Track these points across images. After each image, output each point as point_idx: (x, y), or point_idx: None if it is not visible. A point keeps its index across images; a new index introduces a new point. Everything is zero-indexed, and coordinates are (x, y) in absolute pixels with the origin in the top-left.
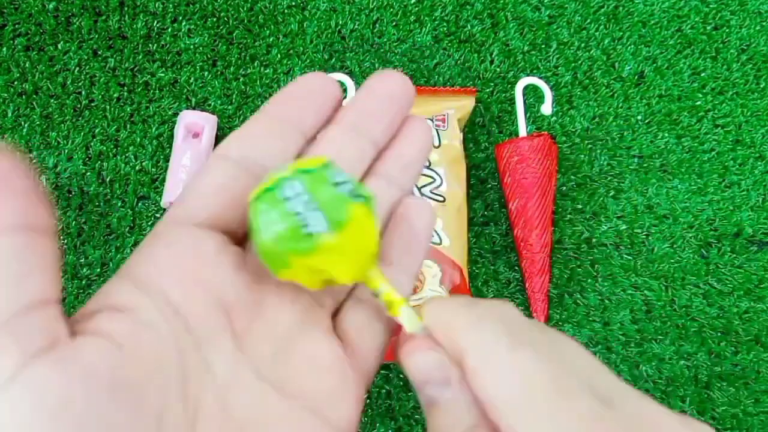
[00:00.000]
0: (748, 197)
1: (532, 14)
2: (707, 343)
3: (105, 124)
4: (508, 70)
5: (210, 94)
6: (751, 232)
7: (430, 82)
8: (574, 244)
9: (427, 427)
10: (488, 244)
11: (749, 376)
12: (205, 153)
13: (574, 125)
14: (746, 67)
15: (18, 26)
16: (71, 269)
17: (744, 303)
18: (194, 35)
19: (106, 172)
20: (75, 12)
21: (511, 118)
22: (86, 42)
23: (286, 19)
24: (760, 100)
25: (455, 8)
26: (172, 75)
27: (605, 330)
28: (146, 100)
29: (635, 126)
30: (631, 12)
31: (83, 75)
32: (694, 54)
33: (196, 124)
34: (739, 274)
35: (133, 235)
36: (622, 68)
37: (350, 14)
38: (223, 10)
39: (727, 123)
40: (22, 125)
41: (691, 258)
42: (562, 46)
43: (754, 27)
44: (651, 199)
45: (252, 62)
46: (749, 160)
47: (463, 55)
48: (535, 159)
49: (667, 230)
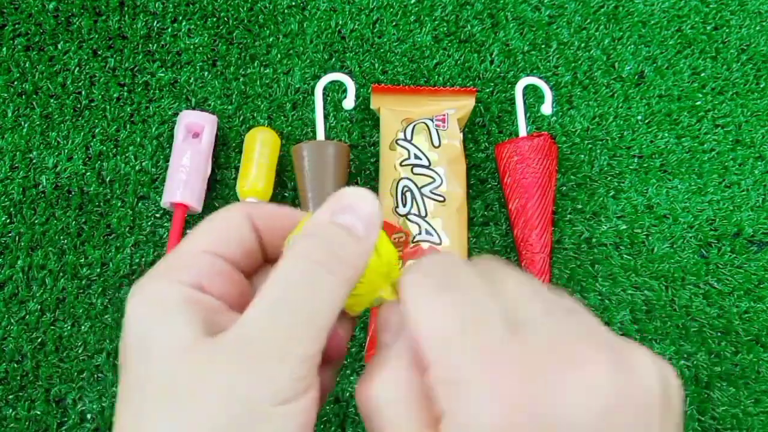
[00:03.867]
0: (748, 197)
1: (532, 14)
2: (707, 343)
3: (105, 124)
4: (508, 70)
5: (210, 94)
6: (751, 232)
7: (430, 82)
8: (574, 244)
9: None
10: (488, 244)
11: (749, 376)
12: (205, 153)
13: (574, 125)
14: (746, 67)
15: (18, 26)
16: (71, 269)
17: (744, 303)
18: (194, 35)
19: (106, 172)
20: (75, 12)
21: (511, 118)
22: (86, 42)
23: (286, 19)
24: (760, 100)
25: (455, 8)
26: (172, 75)
27: None
28: (146, 100)
29: (635, 126)
30: (631, 12)
31: (83, 75)
32: (694, 54)
33: (196, 124)
34: (739, 274)
35: (133, 235)
36: (622, 68)
37: (350, 14)
38: (223, 10)
39: (727, 123)
40: (22, 125)
41: (691, 258)
42: (562, 46)
43: (754, 27)
44: (651, 199)
45: (252, 62)
46: (749, 160)
47: (463, 55)
48: (535, 159)
49: (667, 230)
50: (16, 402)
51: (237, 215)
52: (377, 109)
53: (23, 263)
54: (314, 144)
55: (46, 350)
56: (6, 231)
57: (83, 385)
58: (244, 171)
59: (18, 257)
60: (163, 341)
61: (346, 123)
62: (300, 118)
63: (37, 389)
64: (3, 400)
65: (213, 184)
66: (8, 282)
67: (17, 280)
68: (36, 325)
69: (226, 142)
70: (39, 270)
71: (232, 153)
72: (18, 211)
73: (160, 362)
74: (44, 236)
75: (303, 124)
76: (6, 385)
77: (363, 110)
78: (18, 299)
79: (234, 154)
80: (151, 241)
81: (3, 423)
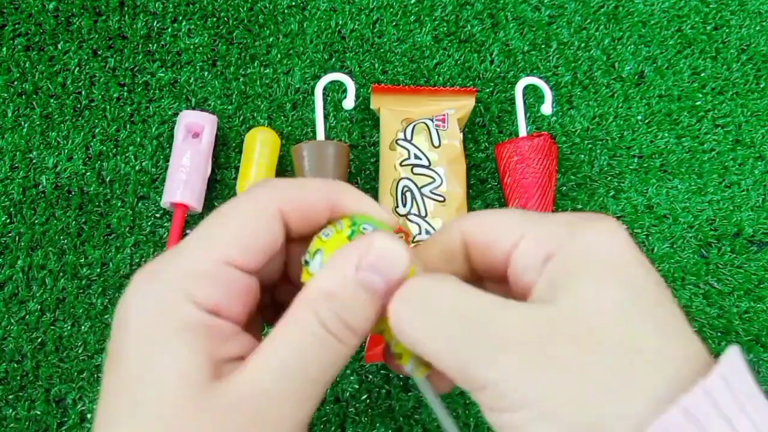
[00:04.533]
0: (748, 197)
1: (532, 14)
2: (707, 343)
3: (105, 124)
4: (508, 70)
5: (210, 94)
6: (751, 232)
7: (430, 82)
8: None
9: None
10: None
11: None
12: (205, 153)
13: (574, 125)
14: (746, 67)
15: (18, 26)
16: (71, 269)
17: (744, 303)
18: (194, 35)
19: (106, 172)
20: (75, 12)
21: (511, 118)
22: (86, 42)
23: (286, 19)
24: (760, 100)
25: (455, 8)
26: (172, 75)
27: None
28: (146, 100)
29: (635, 126)
30: (631, 12)
31: (83, 75)
32: (694, 54)
33: (196, 124)
34: (739, 274)
35: (133, 235)
36: (622, 68)
37: (350, 14)
38: (223, 10)
39: (727, 123)
40: (22, 125)
41: (691, 258)
42: (562, 46)
43: (754, 27)
44: (651, 199)
45: (252, 62)
46: (749, 160)
47: (463, 55)
48: (535, 159)
49: (667, 230)
50: (16, 402)
51: (268, 213)
52: (377, 109)
53: (23, 263)
54: (314, 144)
55: (46, 350)
56: (6, 231)
57: (83, 385)
58: (244, 171)
59: (18, 257)
60: (162, 373)
61: (346, 123)
62: (300, 118)
63: (37, 389)
64: (3, 400)
65: (213, 184)
66: (8, 282)
67: (17, 280)
68: (36, 325)
69: (226, 142)
70: (39, 270)
71: (232, 153)
72: (18, 211)
73: (154, 397)
74: (44, 236)
75: (303, 124)
76: (6, 385)
77: (363, 110)
78: (18, 299)
79: (234, 154)
80: (151, 241)
81: (3, 423)
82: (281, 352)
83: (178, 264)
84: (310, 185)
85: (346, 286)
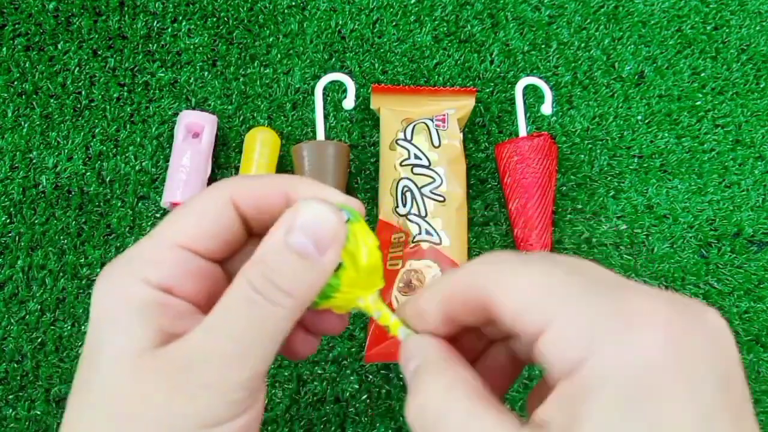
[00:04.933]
0: (748, 197)
1: (532, 14)
2: None
3: (105, 124)
4: (508, 70)
5: (210, 94)
6: (751, 232)
7: (430, 82)
8: (574, 244)
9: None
10: (488, 244)
11: (749, 376)
12: (205, 153)
13: (574, 125)
14: (746, 67)
15: (18, 26)
16: (71, 269)
17: (744, 303)
18: (194, 35)
19: (106, 172)
20: (75, 12)
21: (511, 118)
22: (86, 42)
23: (286, 19)
24: (760, 100)
25: (455, 8)
26: (172, 75)
27: None
28: (146, 100)
29: (635, 126)
30: (631, 12)
31: (83, 75)
32: (694, 54)
33: (196, 124)
34: (739, 274)
35: (133, 235)
36: (622, 68)
37: (350, 14)
38: (223, 10)
39: (727, 123)
40: (22, 125)
41: (691, 258)
42: (562, 46)
43: (754, 27)
44: (651, 199)
45: (252, 62)
46: (749, 160)
47: (463, 55)
48: (535, 159)
49: (667, 230)
50: (16, 402)
51: (219, 200)
52: (377, 109)
53: (23, 263)
54: (314, 144)
55: (46, 350)
56: (6, 231)
57: None
58: (244, 171)
59: (18, 257)
60: (114, 347)
61: (346, 123)
62: (300, 118)
63: (37, 389)
64: (3, 400)
65: None
66: (8, 282)
67: (17, 280)
68: (36, 325)
69: (226, 142)
70: (39, 270)
71: (232, 153)
72: (18, 211)
73: (106, 370)
74: (44, 236)
75: (303, 124)
76: (6, 385)
77: (363, 110)
78: (18, 299)
79: (234, 154)
80: None
81: (3, 423)
82: (214, 318)
83: (135, 249)
84: (265, 177)
85: (274, 249)
